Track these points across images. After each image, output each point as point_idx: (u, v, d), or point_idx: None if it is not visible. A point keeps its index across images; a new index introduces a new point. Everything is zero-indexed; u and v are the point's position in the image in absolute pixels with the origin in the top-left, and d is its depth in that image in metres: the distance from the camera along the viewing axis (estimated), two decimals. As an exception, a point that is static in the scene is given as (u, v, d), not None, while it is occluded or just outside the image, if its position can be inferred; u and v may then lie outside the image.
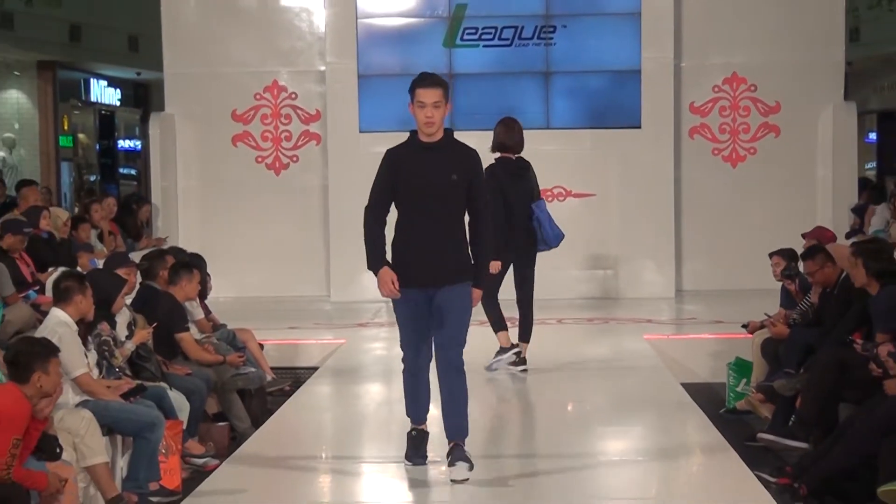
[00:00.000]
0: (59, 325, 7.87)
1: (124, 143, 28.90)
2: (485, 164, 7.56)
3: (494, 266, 7.58)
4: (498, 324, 10.33)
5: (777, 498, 7.02)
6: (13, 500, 5.93)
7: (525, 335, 10.54)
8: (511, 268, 10.26)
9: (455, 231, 7.18)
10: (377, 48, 15.54)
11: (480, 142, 8.56)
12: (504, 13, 15.51)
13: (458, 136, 7.27)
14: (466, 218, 7.26)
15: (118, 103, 28.14)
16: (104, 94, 27.36)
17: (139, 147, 28.31)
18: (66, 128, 25.35)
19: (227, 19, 15.88)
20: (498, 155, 10.35)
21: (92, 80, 26.57)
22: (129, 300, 9.42)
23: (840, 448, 7.53)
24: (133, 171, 28.75)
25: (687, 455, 8.38)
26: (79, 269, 11.12)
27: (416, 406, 7.42)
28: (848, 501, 7.50)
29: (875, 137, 27.74)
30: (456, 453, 7.00)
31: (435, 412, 7.46)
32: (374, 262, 7.08)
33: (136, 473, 7.84)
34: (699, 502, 6.94)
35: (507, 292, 10.33)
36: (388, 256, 7.12)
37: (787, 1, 15.64)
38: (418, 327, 7.20)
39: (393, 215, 7.17)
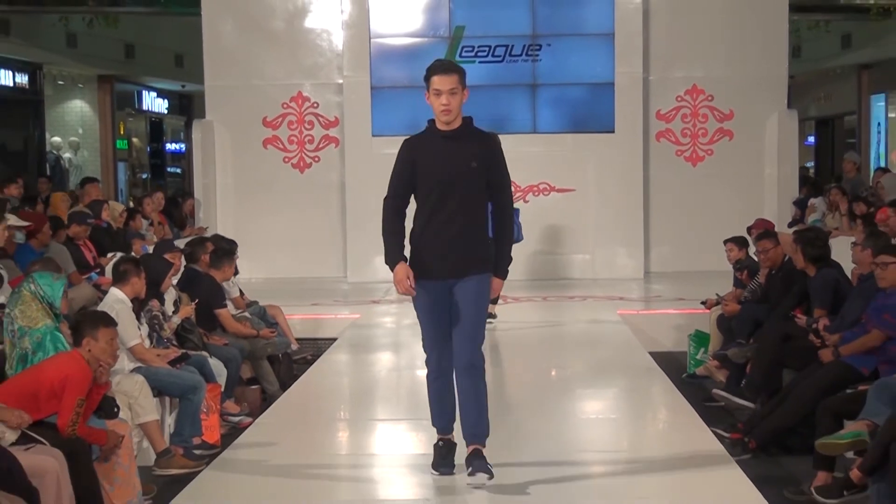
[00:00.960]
0: (116, 302, 7.88)
1: (171, 146, 28.86)
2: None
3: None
4: None
5: (730, 450, 7.02)
6: (78, 453, 5.93)
7: None
8: None
9: (475, 220, 6.01)
10: (387, 64, 15.49)
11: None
12: (496, 33, 15.45)
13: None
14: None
15: (166, 112, 28.11)
16: (154, 103, 27.32)
17: (183, 149, 28.27)
18: (121, 133, 25.32)
19: (259, 39, 15.84)
20: None
21: (144, 91, 26.54)
22: (175, 280, 9.42)
23: (784, 408, 7.53)
24: (178, 170, 28.72)
25: (653, 414, 8.40)
26: (132, 254, 11.13)
27: (441, 415, 6.21)
28: (790, 453, 7.51)
29: (813, 140, 27.82)
30: (475, 463, 5.92)
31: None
32: (391, 257, 5.98)
33: (181, 430, 7.85)
34: (664, 454, 6.92)
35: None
36: (407, 247, 6.07)
37: (738, 23, 15.59)
38: (440, 322, 6.02)
39: (412, 206, 6.18)
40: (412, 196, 6.09)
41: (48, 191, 16.67)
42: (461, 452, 6.12)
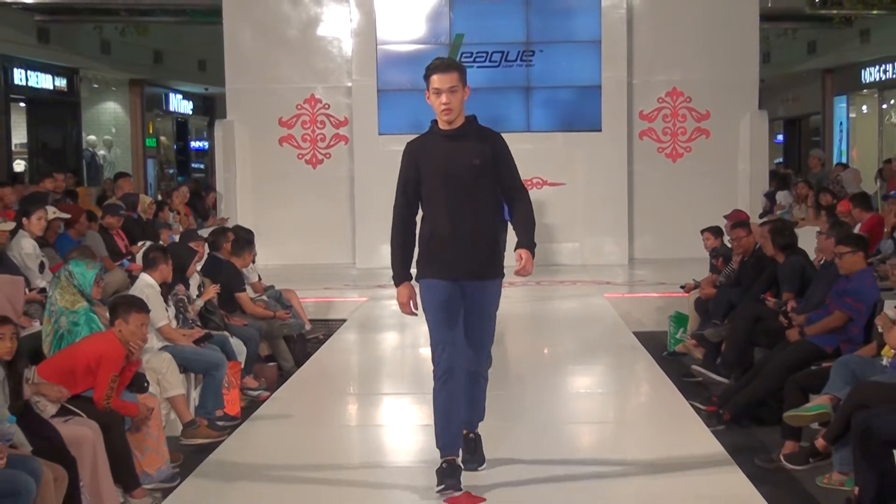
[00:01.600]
0: (146, 286, 7.88)
1: (195, 144, 28.85)
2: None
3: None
4: None
5: (706, 422, 7.02)
6: (112, 425, 5.95)
7: None
8: None
9: (483, 221, 5.38)
10: (392, 68, 15.45)
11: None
12: (493, 40, 15.40)
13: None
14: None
15: (191, 112, 28.08)
16: (180, 105, 27.30)
17: (207, 147, 28.26)
18: (150, 132, 25.31)
19: (275, 46, 15.82)
20: None
21: (170, 94, 26.51)
22: (199, 267, 9.41)
23: (755, 383, 7.54)
24: (202, 166, 28.70)
25: (637, 388, 8.39)
26: (161, 242, 11.13)
27: (446, 429, 5.34)
28: (761, 424, 7.52)
29: (782, 139, 27.80)
30: (468, 449, 5.62)
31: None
32: (396, 274, 5.46)
33: (205, 403, 7.86)
34: (646, 424, 6.95)
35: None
36: (416, 249, 5.50)
37: (714, 31, 15.54)
38: (450, 319, 5.33)
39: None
40: (420, 200, 5.45)
41: (75, 185, 16.72)
42: (465, 475, 5.44)
